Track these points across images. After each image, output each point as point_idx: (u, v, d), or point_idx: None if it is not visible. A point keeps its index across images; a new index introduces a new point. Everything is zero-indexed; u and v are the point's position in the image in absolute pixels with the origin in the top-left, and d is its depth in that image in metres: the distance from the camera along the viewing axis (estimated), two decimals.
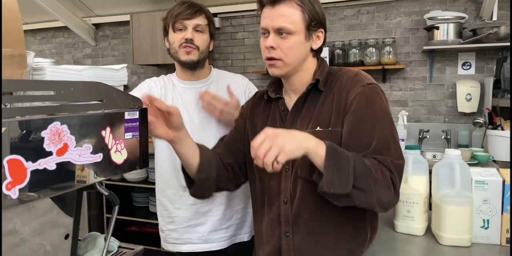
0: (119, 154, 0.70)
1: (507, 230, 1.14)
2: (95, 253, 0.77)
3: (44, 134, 0.55)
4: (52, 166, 0.56)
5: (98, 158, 0.65)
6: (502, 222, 1.14)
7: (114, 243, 0.86)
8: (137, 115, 0.74)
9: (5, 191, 0.49)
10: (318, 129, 1.00)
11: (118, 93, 0.70)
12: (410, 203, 1.22)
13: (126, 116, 0.71)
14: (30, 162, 0.53)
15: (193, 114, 1.45)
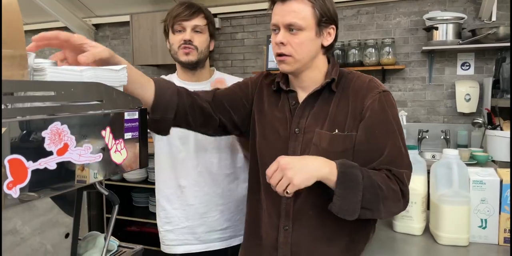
0: (119, 154, 0.70)
1: (505, 230, 1.15)
2: (95, 252, 0.78)
3: (44, 134, 0.55)
4: (52, 166, 0.57)
5: (98, 158, 0.65)
6: (499, 222, 1.15)
7: (114, 243, 0.87)
8: (136, 115, 0.75)
9: (6, 190, 0.50)
10: (336, 132, 1.02)
11: (117, 93, 0.71)
12: (409, 203, 1.23)
13: (126, 116, 0.72)
14: (30, 162, 0.53)
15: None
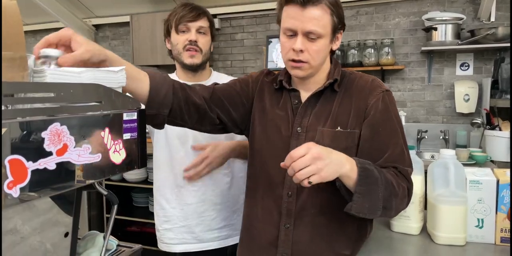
0: (118, 154, 0.71)
1: (502, 229, 1.15)
2: (94, 251, 0.79)
3: (44, 134, 0.56)
4: (52, 166, 0.57)
5: (97, 158, 0.66)
6: (496, 222, 1.16)
7: (113, 242, 0.88)
8: (135, 116, 0.75)
9: (6, 190, 0.51)
10: (338, 129, 1.03)
11: (116, 94, 0.72)
12: None
13: (125, 117, 0.73)
14: (30, 162, 0.54)
15: None
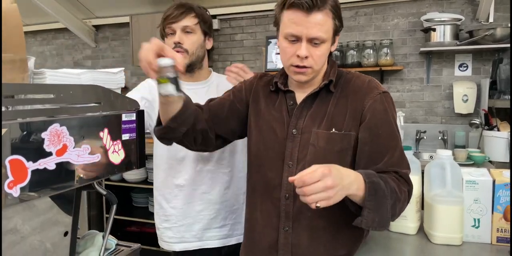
0: (117, 155, 0.72)
1: (498, 229, 1.16)
2: (94, 250, 0.80)
3: (44, 135, 0.57)
4: (52, 166, 0.58)
5: (96, 158, 0.67)
6: (492, 221, 1.16)
7: (112, 241, 0.89)
8: (134, 117, 0.76)
9: (7, 190, 0.52)
10: (333, 131, 1.02)
11: (115, 95, 0.73)
12: None
13: (123, 118, 0.74)
14: (30, 162, 0.55)
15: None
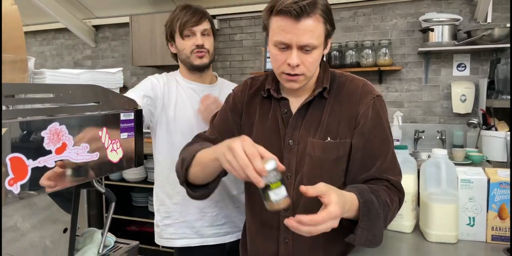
0: (115, 153, 0.74)
1: (493, 228, 1.18)
2: (93, 247, 0.81)
3: (44, 134, 0.58)
4: (51, 164, 0.60)
5: (95, 156, 0.69)
6: (487, 220, 1.18)
7: (111, 238, 0.90)
8: (132, 116, 0.78)
9: (7, 187, 0.53)
10: (328, 140, 1.00)
11: (114, 95, 0.74)
12: None
13: (122, 117, 0.75)
14: (30, 160, 0.57)
15: (198, 110, 1.49)
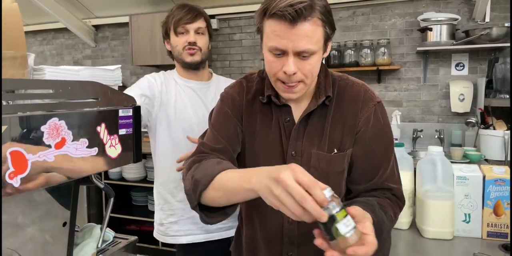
0: (114, 149, 0.75)
1: (488, 224, 1.19)
2: (91, 241, 0.82)
3: (43, 128, 0.60)
4: (51, 158, 0.61)
5: (94, 152, 0.70)
6: (482, 216, 1.19)
7: (110, 234, 0.91)
8: (130, 113, 0.79)
9: (8, 180, 0.54)
10: (335, 152, 0.96)
11: (112, 92, 0.75)
12: None
13: (120, 113, 0.76)
14: (30, 154, 0.58)
15: (197, 110, 1.52)
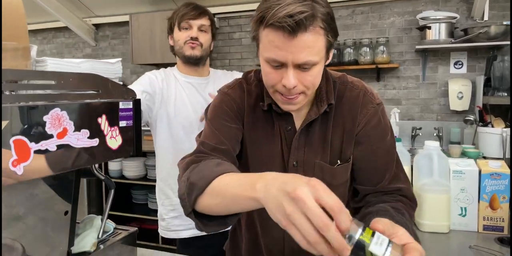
0: (114, 140, 0.76)
1: (484, 218, 1.20)
2: (92, 232, 0.84)
3: (46, 118, 0.61)
4: (53, 148, 0.62)
5: (95, 142, 0.71)
6: (478, 210, 1.20)
7: (110, 225, 0.92)
8: (130, 105, 0.80)
9: (11, 168, 0.56)
10: (338, 164, 0.94)
11: (113, 84, 0.77)
12: None
13: (121, 105, 0.78)
14: (33, 143, 0.59)
15: (196, 106, 1.55)
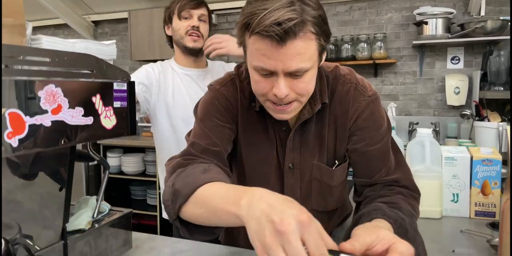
0: (109, 120, 0.78)
1: (476, 203, 1.22)
2: (88, 210, 0.85)
3: (40, 94, 0.63)
4: (47, 123, 0.64)
5: (89, 121, 0.73)
6: (470, 196, 1.22)
7: (105, 206, 0.94)
8: (125, 87, 0.82)
9: (6, 139, 0.57)
10: (336, 165, 0.92)
11: (107, 65, 0.78)
12: None
13: (115, 86, 0.79)
14: (28, 117, 0.61)
15: (195, 97, 1.55)
